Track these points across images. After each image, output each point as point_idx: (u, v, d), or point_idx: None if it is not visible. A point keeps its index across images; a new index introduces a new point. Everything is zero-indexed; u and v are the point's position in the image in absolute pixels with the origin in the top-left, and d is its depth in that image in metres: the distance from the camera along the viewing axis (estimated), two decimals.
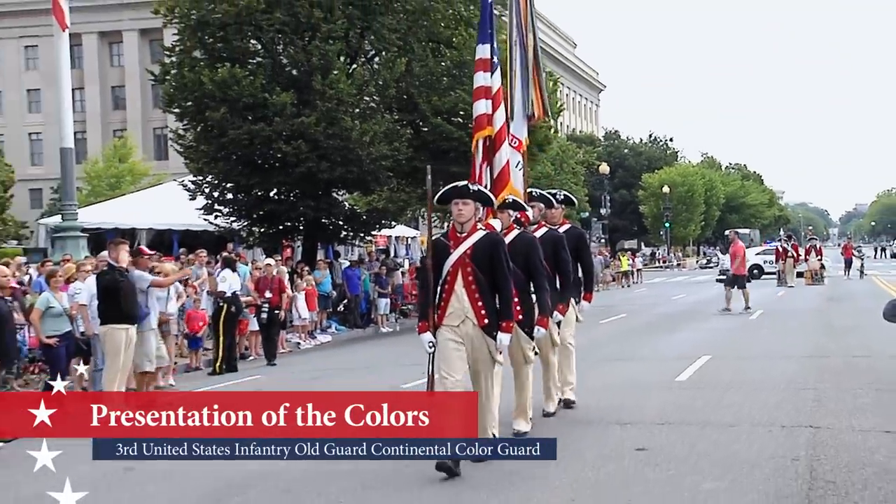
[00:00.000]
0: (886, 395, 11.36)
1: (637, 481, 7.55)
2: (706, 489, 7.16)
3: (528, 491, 7.37)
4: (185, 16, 29.30)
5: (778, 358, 15.43)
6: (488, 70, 10.39)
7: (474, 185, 8.27)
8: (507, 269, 7.96)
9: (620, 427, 9.81)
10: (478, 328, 7.88)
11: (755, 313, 25.43)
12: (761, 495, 6.93)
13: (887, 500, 6.68)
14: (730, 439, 9.01)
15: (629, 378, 13.68)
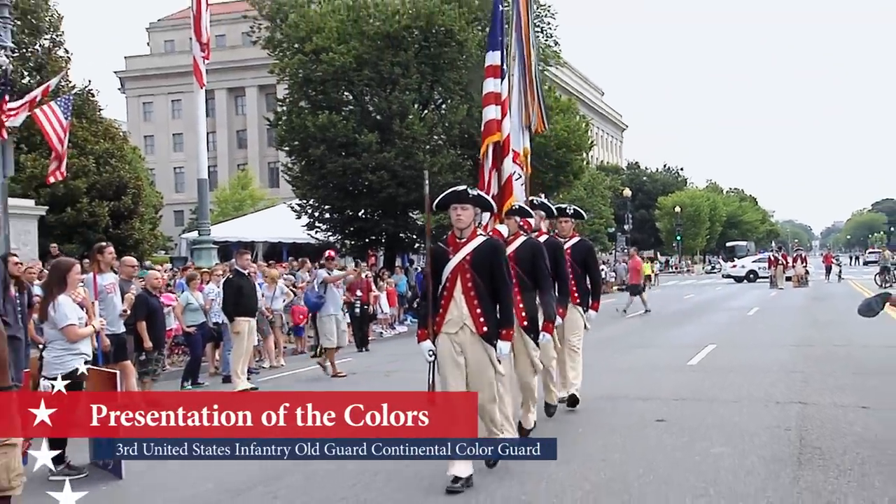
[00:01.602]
0: (862, 377, 11.13)
1: (657, 446, 7.48)
2: (714, 453, 7.06)
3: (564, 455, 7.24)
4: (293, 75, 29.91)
5: (771, 346, 15.19)
6: (498, 76, 8.47)
7: (473, 190, 6.58)
8: (507, 276, 6.46)
9: (643, 402, 9.72)
10: (476, 336, 6.30)
11: (752, 310, 25.11)
12: (760, 458, 6.82)
13: (864, 463, 6.55)
14: (733, 413, 8.89)
15: (649, 362, 13.51)
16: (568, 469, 6.65)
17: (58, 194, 25.71)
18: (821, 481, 6.07)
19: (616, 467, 6.70)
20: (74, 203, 26.23)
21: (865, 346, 14.41)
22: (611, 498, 5.83)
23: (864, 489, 5.84)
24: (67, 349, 7.60)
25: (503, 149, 8.22)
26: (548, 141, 31.19)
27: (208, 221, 23.42)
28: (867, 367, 11.90)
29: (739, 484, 6.05)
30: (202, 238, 22.38)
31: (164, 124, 71.91)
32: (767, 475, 6.27)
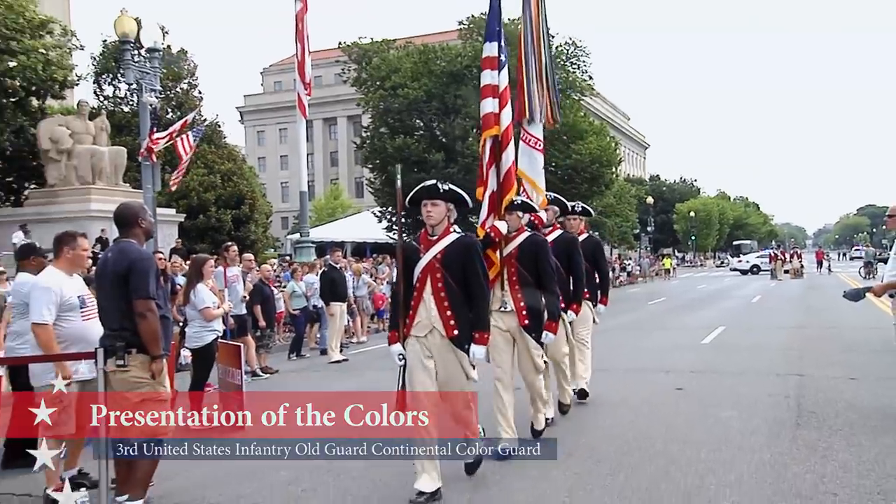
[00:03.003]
0: (850, 354, 10.82)
1: (677, 411, 7.42)
2: (724, 416, 6.99)
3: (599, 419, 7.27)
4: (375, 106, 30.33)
5: (772, 328, 14.86)
6: (495, 68, 6.55)
7: (445, 185, 5.10)
8: (482, 276, 5.02)
9: (664, 374, 9.57)
10: (445, 339, 4.91)
11: (755, 298, 24.57)
12: (763, 420, 6.74)
13: (853, 425, 6.42)
14: (740, 383, 8.75)
15: (669, 341, 13.33)
16: (602, 430, 6.67)
17: (192, 204, 26.45)
18: (815, 439, 5.98)
19: (643, 428, 6.65)
20: (205, 211, 26.97)
21: (852, 327, 14.03)
22: (639, 452, 5.78)
23: (853, 446, 5.74)
24: (204, 326, 7.82)
25: (502, 140, 6.29)
26: (583, 158, 30.95)
27: (308, 225, 23.74)
28: (854, 346, 11.57)
29: (746, 441, 5.99)
30: (303, 239, 22.67)
31: (273, 148, 73.04)
32: (770, 434, 6.20)
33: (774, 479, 4.97)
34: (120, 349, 4.69)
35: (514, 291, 5.81)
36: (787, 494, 4.65)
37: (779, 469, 5.20)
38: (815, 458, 5.43)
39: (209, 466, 5.94)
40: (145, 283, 4.71)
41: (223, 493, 5.18)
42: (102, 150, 21.26)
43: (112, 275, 4.77)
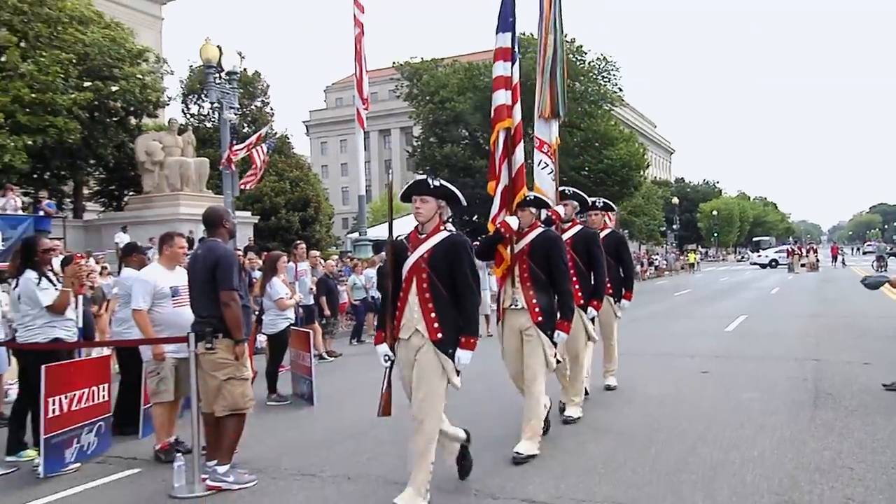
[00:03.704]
0: (863, 340, 10.48)
1: (702, 392, 7.27)
2: (746, 397, 6.82)
3: (631, 398, 7.16)
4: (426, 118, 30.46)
5: (790, 317, 14.44)
6: (508, 59, 5.67)
7: (436, 180, 4.31)
8: (470, 278, 4.18)
9: (690, 358, 9.39)
10: (429, 342, 4.10)
11: (774, 289, 23.95)
12: (783, 402, 6.56)
13: (868, 406, 6.23)
14: (761, 367, 8.53)
15: (695, 328, 13.09)
16: (633, 409, 6.57)
17: (265, 207, 26.89)
18: (832, 419, 5.81)
19: (671, 407, 6.53)
20: (276, 214, 27.40)
21: (865, 316, 13.61)
22: (668, 429, 5.69)
23: (868, 425, 5.57)
24: (278, 315, 7.95)
25: (514, 136, 5.45)
26: (614, 162, 30.57)
27: (365, 225, 23.87)
28: (867, 333, 11.21)
29: (768, 420, 5.85)
30: (361, 237, 22.82)
31: (335, 157, 73.77)
32: (789, 414, 6.04)
33: (794, 455, 4.85)
34: (208, 334, 4.82)
35: (525, 289, 5.09)
36: (807, 469, 4.54)
37: (798, 446, 5.07)
38: (833, 436, 5.29)
39: (284, 437, 6.09)
40: (230, 276, 4.83)
41: (296, 460, 5.27)
42: (189, 161, 21.76)
43: (201, 269, 4.90)
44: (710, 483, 4.30)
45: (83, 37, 20.38)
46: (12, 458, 5.69)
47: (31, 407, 5.58)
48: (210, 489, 4.67)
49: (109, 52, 21.12)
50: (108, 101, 21.70)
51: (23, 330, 5.88)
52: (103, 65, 20.90)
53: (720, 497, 4.06)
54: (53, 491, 4.91)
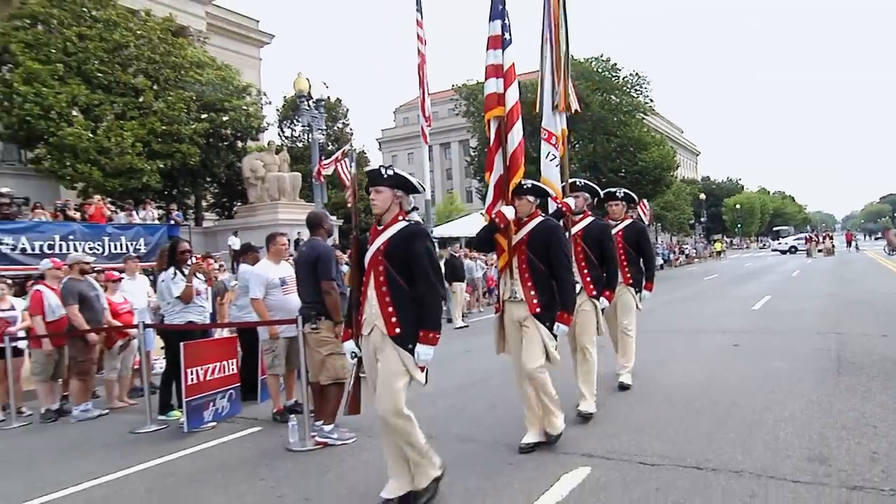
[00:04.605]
0: (879, 315, 9.98)
1: (734, 362, 7.04)
2: (775, 367, 6.57)
3: (670, 369, 7.02)
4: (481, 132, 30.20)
5: (811, 297, 13.82)
6: (499, 47, 4.70)
7: (389, 169, 3.61)
8: (430, 269, 3.44)
9: (721, 334, 9.10)
10: (387, 338, 3.42)
11: (795, 272, 22.91)
12: (809, 370, 6.30)
13: (888, 372, 5.94)
14: (787, 341, 8.21)
15: (724, 307, 12.68)
16: (671, 377, 6.44)
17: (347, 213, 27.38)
18: (855, 384, 5.56)
19: (706, 375, 6.37)
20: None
21: (880, 294, 12.99)
22: (704, 395, 5.56)
23: (888, 389, 5.31)
24: None
25: (507, 122, 4.56)
26: (648, 164, 29.86)
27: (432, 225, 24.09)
28: (883, 309, 10.65)
29: (796, 386, 5.65)
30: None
31: (403, 167, 72.62)
32: (816, 380, 5.81)
33: (822, 416, 4.67)
34: (312, 317, 4.98)
35: (524, 280, 4.28)
36: (835, 427, 4.37)
37: (825, 407, 4.88)
38: (857, 399, 5.06)
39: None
40: (329, 268, 4.99)
41: None
42: (285, 176, 22.38)
43: (305, 263, 5.08)
44: (747, 440, 4.19)
45: (200, 78, 21.20)
46: (163, 416, 6.05)
47: (175, 375, 5.91)
48: (318, 444, 4.83)
49: (221, 89, 21.92)
50: (220, 129, 22.55)
51: (166, 315, 6.24)
52: (216, 100, 21.70)
53: (756, 452, 3.95)
54: (197, 443, 5.22)
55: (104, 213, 15.91)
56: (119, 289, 7.45)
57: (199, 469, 4.56)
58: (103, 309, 7.00)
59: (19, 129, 17.20)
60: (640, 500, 3.36)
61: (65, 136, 16.88)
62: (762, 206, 75.77)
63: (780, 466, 3.69)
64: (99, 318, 6.85)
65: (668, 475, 3.66)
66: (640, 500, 3.36)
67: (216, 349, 5.90)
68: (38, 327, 7.01)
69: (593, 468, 3.84)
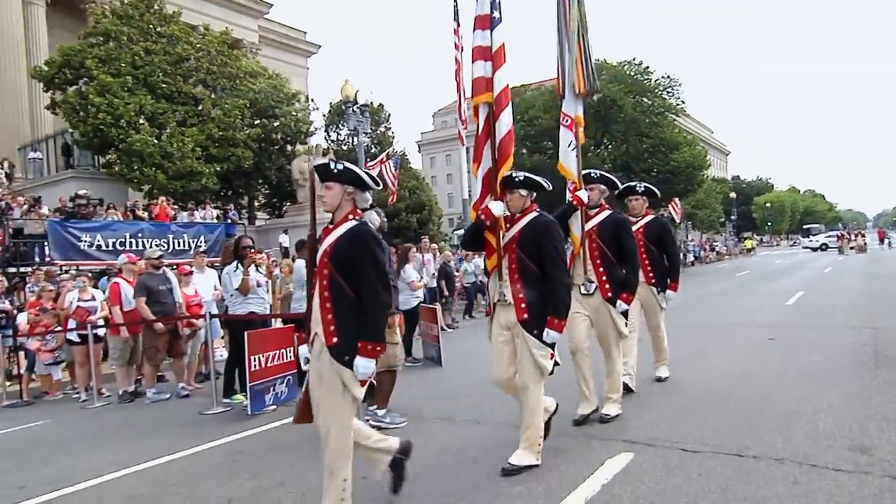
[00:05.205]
0: None
1: (770, 356, 6.87)
2: (812, 359, 6.39)
3: (706, 361, 6.88)
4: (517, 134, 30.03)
5: (844, 292, 13.37)
6: (487, 27, 3.99)
7: (339, 164, 3.12)
8: (373, 273, 2.97)
9: (757, 328, 8.88)
10: (325, 348, 2.96)
11: (827, 269, 22.12)
12: (846, 363, 6.10)
13: None
14: (822, 335, 7.95)
15: (757, 303, 12.37)
16: (710, 370, 6.33)
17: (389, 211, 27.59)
18: (894, 377, 5.36)
19: (743, 368, 6.24)
20: (398, 216, 28.02)
21: None
22: (743, 386, 5.45)
23: None
24: (410, 294, 8.13)
25: (495, 108, 3.93)
26: (680, 164, 29.29)
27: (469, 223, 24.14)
28: None
29: (833, 378, 5.48)
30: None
31: (441, 168, 74.46)
32: (853, 373, 5.62)
33: (861, 407, 4.53)
34: None
35: (513, 282, 3.73)
36: (875, 418, 4.23)
37: (864, 399, 4.73)
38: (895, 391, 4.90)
39: (422, 390, 6.30)
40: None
41: (434, 408, 5.44)
42: None
43: None
44: (786, 429, 4.10)
45: (253, 86, 21.70)
46: (227, 399, 6.25)
47: (238, 363, 6.10)
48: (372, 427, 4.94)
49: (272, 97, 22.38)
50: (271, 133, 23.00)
51: (230, 306, 6.44)
52: (268, 106, 22.16)
53: (796, 441, 3.86)
54: (260, 424, 5.39)
55: (168, 212, 16.44)
56: (190, 282, 7.72)
57: (264, 448, 4.70)
58: (175, 301, 7.25)
59: (94, 136, 17.92)
60: (682, 484, 3.33)
61: (133, 142, 17.51)
62: (792, 205, 73.62)
63: (821, 455, 3.60)
64: (168, 310, 7.11)
65: (709, 462, 3.62)
66: (682, 484, 3.33)
67: (275, 338, 6.07)
68: (115, 316, 7.33)
69: (636, 454, 3.82)
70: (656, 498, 3.19)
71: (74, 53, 18.42)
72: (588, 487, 3.37)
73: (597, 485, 3.40)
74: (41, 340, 7.89)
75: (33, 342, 7.97)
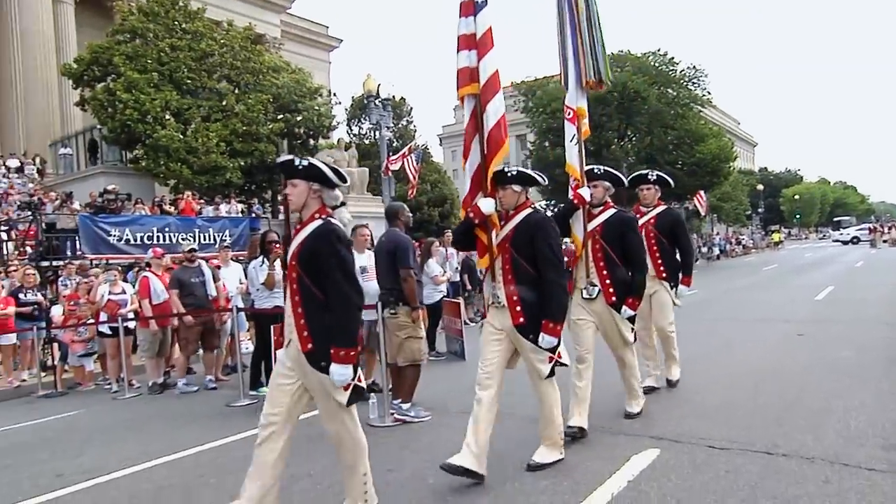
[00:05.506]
0: None
1: (800, 351, 6.75)
2: (843, 355, 6.27)
3: (734, 356, 6.78)
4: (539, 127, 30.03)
5: (876, 286, 13.07)
6: (471, 14, 3.69)
7: (303, 160, 2.91)
8: (339, 274, 2.77)
9: (785, 323, 8.73)
10: (301, 354, 2.83)
11: (858, 263, 21.60)
12: (877, 358, 6.01)
13: None
14: (852, 330, 7.79)
15: (786, 297, 12.15)
16: (739, 365, 6.25)
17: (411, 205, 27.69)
18: None
19: (773, 363, 6.14)
20: (420, 209, 28.13)
21: None
22: (773, 381, 5.37)
23: None
24: (434, 289, 8.19)
25: (483, 99, 3.65)
26: (705, 156, 28.85)
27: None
28: None
29: (865, 374, 5.38)
30: None
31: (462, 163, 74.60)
32: (885, 370, 5.51)
33: (895, 404, 4.45)
34: (391, 302, 5.13)
35: (506, 283, 3.53)
36: None
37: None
38: None
39: (446, 384, 6.34)
40: (407, 257, 5.10)
41: (458, 401, 5.44)
42: (354, 171, 22.77)
43: (385, 252, 5.22)
44: (817, 427, 4.04)
45: (276, 81, 21.88)
46: (254, 392, 6.36)
47: (264, 356, 6.20)
48: (396, 421, 4.96)
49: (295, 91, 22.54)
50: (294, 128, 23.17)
51: (256, 300, 6.54)
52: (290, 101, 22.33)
53: (827, 440, 3.81)
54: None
55: (193, 207, 16.72)
56: (218, 276, 7.85)
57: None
58: (208, 294, 7.40)
59: (121, 132, 18.28)
60: (710, 482, 3.31)
61: (159, 137, 17.83)
62: (822, 197, 71.93)
63: (853, 454, 3.55)
64: (199, 302, 7.25)
65: (737, 459, 3.59)
66: (710, 482, 3.31)
67: None
68: (144, 310, 7.49)
69: (662, 450, 3.80)
70: (684, 495, 3.17)
71: (102, 51, 18.80)
72: (614, 483, 3.37)
73: (623, 481, 3.40)
74: (74, 332, 8.12)
75: (66, 334, 8.21)
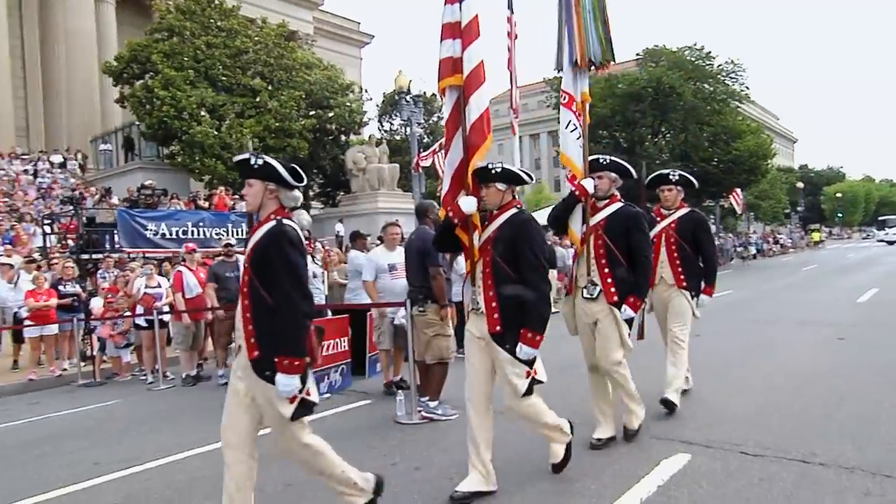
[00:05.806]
0: None
1: (842, 356, 6.55)
2: (886, 360, 6.06)
3: (775, 357, 6.61)
4: None
5: None
6: (457, 1, 3.36)
7: (259, 159, 2.71)
8: (285, 278, 2.58)
9: (826, 326, 8.46)
10: (248, 363, 2.65)
11: None
12: None
13: None
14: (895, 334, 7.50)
15: (827, 298, 11.78)
16: (779, 366, 6.08)
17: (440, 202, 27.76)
18: None
19: (812, 367, 5.96)
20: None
21: None
22: (814, 384, 5.23)
23: None
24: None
25: (466, 92, 3.39)
26: (742, 153, 28.12)
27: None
28: None
29: None
30: None
31: (494, 157, 70.65)
32: None
33: None
34: (420, 300, 5.14)
35: (486, 288, 3.25)
36: None
37: None
38: None
39: None
40: (436, 255, 5.10)
41: None
42: (384, 167, 22.95)
43: (415, 250, 5.23)
44: (858, 436, 3.91)
45: (309, 78, 22.16)
46: None
47: None
48: (423, 419, 4.98)
49: (326, 88, 22.80)
50: (326, 124, 23.47)
51: None
52: (322, 97, 22.60)
53: (870, 449, 3.67)
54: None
55: (226, 202, 17.05)
56: None
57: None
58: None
59: (158, 128, 18.77)
60: (742, 489, 3.23)
61: (195, 133, 18.24)
62: (866, 195, 69.42)
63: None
64: (233, 297, 7.38)
65: (771, 467, 3.49)
66: (742, 489, 3.23)
67: (330, 328, 6.21)
68: (178, 303, 7.68)
69: (693, 455, 3.73)
70: (715, 502, 3.10)
71: (141, 49, 19.32)
72: (643, 488, 3.32)
73: (652, 486, 3.35)
74: (112, 324, 8.38)
75: (104, 327, 8.47)
